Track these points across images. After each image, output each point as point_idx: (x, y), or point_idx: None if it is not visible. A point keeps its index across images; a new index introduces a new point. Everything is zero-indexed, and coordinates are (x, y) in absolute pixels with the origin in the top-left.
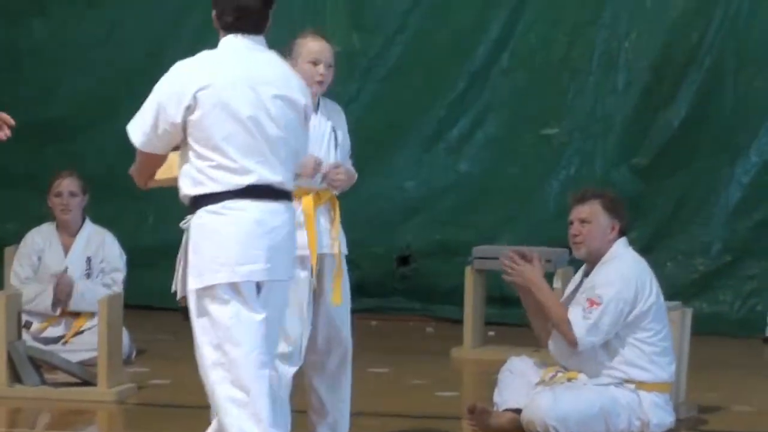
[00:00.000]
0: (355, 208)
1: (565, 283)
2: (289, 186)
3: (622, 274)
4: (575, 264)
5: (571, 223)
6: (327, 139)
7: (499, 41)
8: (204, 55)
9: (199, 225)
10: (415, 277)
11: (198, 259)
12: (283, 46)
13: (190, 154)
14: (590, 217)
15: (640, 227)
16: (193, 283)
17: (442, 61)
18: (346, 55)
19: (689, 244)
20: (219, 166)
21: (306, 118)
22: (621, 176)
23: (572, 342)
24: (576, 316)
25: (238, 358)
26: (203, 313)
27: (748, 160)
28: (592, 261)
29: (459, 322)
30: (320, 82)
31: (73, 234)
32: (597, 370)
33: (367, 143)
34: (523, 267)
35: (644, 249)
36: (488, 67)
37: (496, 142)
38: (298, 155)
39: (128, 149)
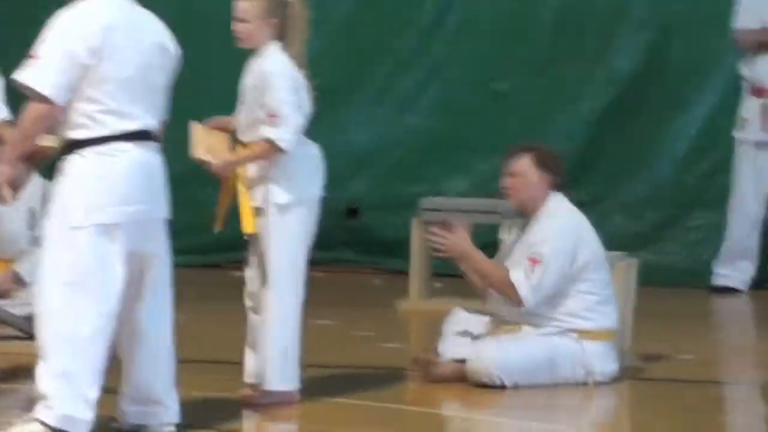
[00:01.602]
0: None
1: (512, 235)
2: (157, 131)
3: (558, 229)
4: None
5: (503, 175)
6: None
7: None
8: (93, 4)
9: (86, 165)
10: (363, 230)
11: (84, 197)
12: None
13: (78, 97)
14: (519, 171)
15: (588, 179)
16: (78, 220)
17: (391, 16)
18: None
19: (637, 195)
20: (108, 111)
21: (174, 68)
22: (569, 129)
23: (518, 303)
24: (518, 276)
25: (86, 300)
26: (71, 249)
27: (696, 112)
28: (526, 213)
29: (406, 273)
30: (238, 39)
31: None
32: (540, 321)
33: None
34: (450, 239)
35: (592, 201)
36: (439, 22)
37: (444, 96)
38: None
39: None
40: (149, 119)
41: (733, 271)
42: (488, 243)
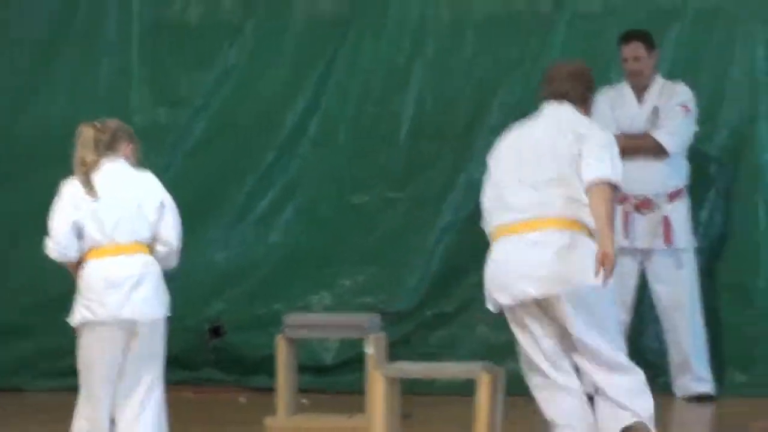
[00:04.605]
0: (165, 283)
1: (378, 349)
2: None
3: None
4: (388, 329)
5: None
6: None
7: (306, 112)
8: None
9: None
10: (228, 349)
11: None
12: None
13: None
14: None
15: (452, 292)
16: None
17: (249, 134)
18: (152, 130)
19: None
20: None
21: None
22: (431, 240)
23: None
24: None
25: None
26: None
27: None
28: None
29: (272, 390)
30: None
31: None
32: None
33: None
34: None
35: (457, 312)
36: (296, 138)
37: (305, 212)
38: None
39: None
40: None
41: None
42: (353, 358)
